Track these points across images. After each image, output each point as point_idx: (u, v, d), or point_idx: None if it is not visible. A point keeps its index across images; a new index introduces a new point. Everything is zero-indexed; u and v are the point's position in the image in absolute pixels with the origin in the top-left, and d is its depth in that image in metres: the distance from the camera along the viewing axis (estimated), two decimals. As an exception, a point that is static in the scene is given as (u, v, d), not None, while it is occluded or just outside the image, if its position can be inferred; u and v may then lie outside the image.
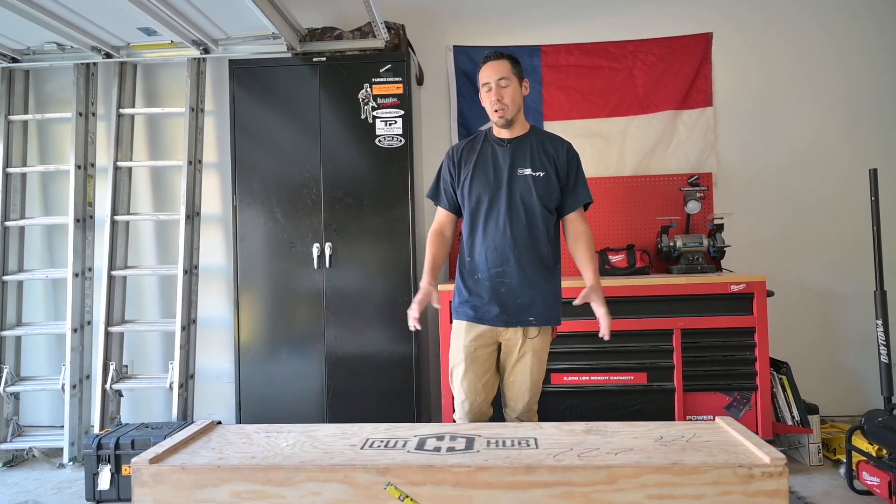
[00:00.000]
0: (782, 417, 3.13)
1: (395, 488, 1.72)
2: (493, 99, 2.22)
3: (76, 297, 3.52)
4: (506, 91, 2.22)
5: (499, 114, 2.22)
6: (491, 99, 2.22)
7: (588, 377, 3.09)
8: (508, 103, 2.22)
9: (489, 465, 1.73)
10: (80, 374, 3.52)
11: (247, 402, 3.37)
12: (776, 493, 1.68)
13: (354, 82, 3.32)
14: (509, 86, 2.22)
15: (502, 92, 2.21)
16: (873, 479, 2.64)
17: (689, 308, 3.06)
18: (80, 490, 3.04)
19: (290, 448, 1.92)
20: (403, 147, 3.30)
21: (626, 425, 2.06)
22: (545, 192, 2.23)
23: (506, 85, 2.22)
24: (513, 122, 2.26)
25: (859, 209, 3.49)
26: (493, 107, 2.22)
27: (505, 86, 2.22)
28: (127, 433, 3.01)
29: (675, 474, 1.69)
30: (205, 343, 3.72)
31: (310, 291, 3.34)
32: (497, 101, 2.21)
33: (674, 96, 3.73)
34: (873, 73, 3.70)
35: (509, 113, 2.23)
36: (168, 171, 3.85)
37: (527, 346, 2.25)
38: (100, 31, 3.30)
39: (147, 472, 1.80)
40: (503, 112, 2.22)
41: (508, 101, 2.22)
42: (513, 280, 2.22)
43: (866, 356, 3.57)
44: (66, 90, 3.73)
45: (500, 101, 2.21)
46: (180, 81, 3.69)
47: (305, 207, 3.34)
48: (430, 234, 2.37)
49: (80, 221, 3.58)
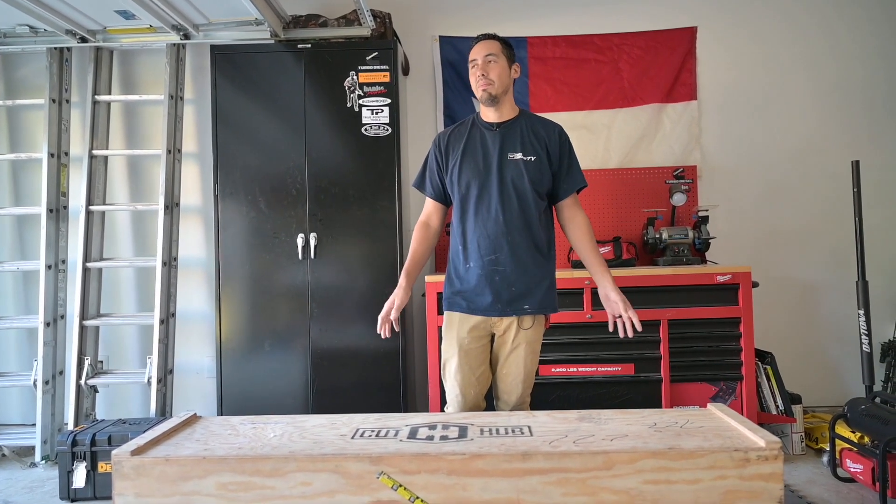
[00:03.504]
0: (767, 407, 3.16)
1: (389, 477, 1.68)
2: (478, 74, 2.17)
3: (49, 289, 3.41)
4: (492, 66, 2.17)
5: (482, 86, 2.16)
6: (476, 74, 2.18)
7: (576, 368, 3.07)
8: (494, 78, 2.16)
9: (484, 452, 1.70)
10: (53, 370, 3.41)
11: (228, 398, 3.29)
12: (771, 477, 1.67)
13: (340, 70, 3.27)
14: (496, 62, 2.17)
15: (488, 67, 2.16)
16: (857, 466, 2.67)
17: (675, 299, 3.08)
18: (53, 489, 2.94)
19: (277, 439, 1.87)
20: (390, 136, 3.25)
21: (620, 413, 2.05)
22: (537, 176, 2.18)
23: (492, 60, 2.17)
24: (499, 100, 2.19)
25: (842, 200, 3.54)
26: (479, 82, 2.17)
27: (492, 61, 2.17)
28: (103, 429, 2.92)
29: (671, 459, 1.68)
30: (184, 337, 3.64)
31: (294, 283, 3.27)
32: (483, 77, 2.16)
33: (659, 89, 3.74)
34: (862, 66, 3.74)
35: (494, 88, 2.16)
36: (146, 161, 3.75)
37: (521, 337, 2.21)
38: (75, 13, 3.19)
39: (129, 465, 1.73)
40: (488, 86, 2.15)
41: (494, 76, 2.16)
42: (507, 268, 2.17)
43: (848, 346, 3.62)
44: (39, 76, 3.61)
45: (485, 75, 2.15)
46: (159, 68, 3.59)
47: (290, 197, 3.27)
48: (416, 227, 2.32)
49: (54, 212, 3.46)
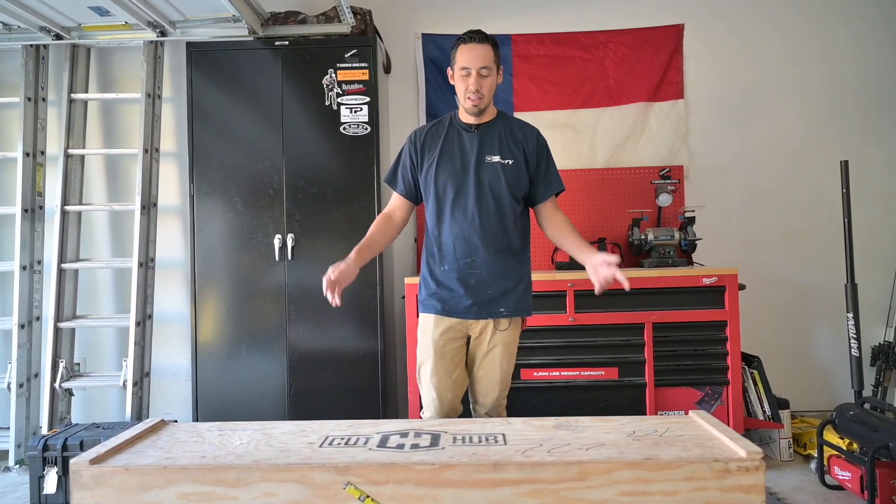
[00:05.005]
0: (753, 412, 3.10)
1: (355, 488, 1.62)
2: (471, 88, 2.09)
3: (23, 291, 3.35)
4: (485, 81, 2.10)
5: (473, 102, 2.10)
6: (469, 86, 2.09)
7: (559, 372, 3.02)
8: (486, 93, 2.11)
9: (454, 462, 1.64)
10: (27, 373, 3.35)
11: (205, 401, 3.22)
12: (752, 489, 1.61)
13: (318, 68, 3.20)
14: (490, 76, 2.11)
15: (482, 82, 2.09)
16: (845, 473, 2.62)
17: (660, 301, 3.02)
18: (25, 494, 2.88)
19: (243, 447, 1.80)
20: (369, 135, 3.19)
21: (598, 420, 1.99)
22: (514, 180, 2.14)
23: (487, 74, 2.10)
24: (484, 111, 2.16)
25: (830, 201, 3.49)
26: (469, 95, 2.10)
27: (486, 75, 2.10)
28: (76, 434, 2.86)
29: (648, 470, 1.62)
30: (161, 339, 3.57)
31: (271, 285, 3.21)
32: (475, 92, 2.09)
33: (645, 88, 3.69)
34: (853, 65, 3.70)
35: (484, 103, 2.12)
36: (123, 160, 3.68)
37: (497, 338, 2.16)
38: (47, 9, 3.11)
39: (87, 474, 1.67)
40: (479, 101, 2.11)
41: (486, 91, 2.11)
42: (482, 270, 2.13)
43: (836, 350, 3.58)
44: (14, 74, 3.54)
45: (477, 91, 2.09)
46: (136, 66, 3.52)
47: (267, 197, 3.21)
48: (379, 216, 2.26)
49: (29, 212, 3.40)
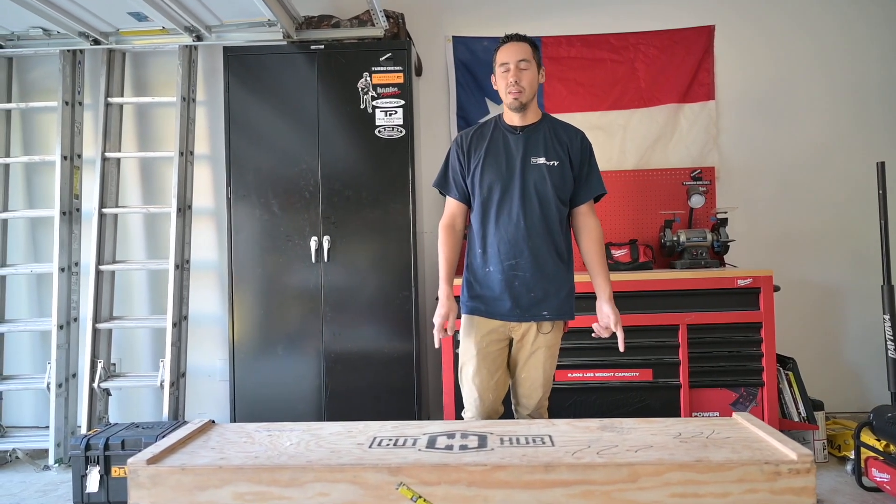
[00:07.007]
0: (788, 414, 3.09)
1: (408, 488, 1.65)
2: (510, 80, 2.14)
3: (62, 292, 3.40)
4: (525, 74, 2.15)
5: (514, 95, 2.14)
6: (508, 80, 2.14)
7: (593, 373, 3.02)
8: (526, 86, 2.14)
9: (506, 463, 1.66)
10: (66, 373, 3.40)
11: (241, 402, 3.26)
12: (803, 491, 1.62)
13: (353, 71, 3.23)
14: (529, 69, 2.15)
15: (521, 74, 2.14)
16: (883, 475, 2.61)
17: (694, 303, 3.01)
18: (66, 493, 2.93)
19: (294, 447, 1.84)
20: (404, 138, 3.21)
21: (642, 422, 2.00)
22: (560, 181, 2.16)
23: (525, 67, 2.15)
24: (526, 107, 2.18)
25: (865, 202, 3.47)
26: (510, 88, 2.14)
27: (525, 68, 2.15)
28: (117, 433, 2.90)
29: (699, 472, 1.64)
30: (197, 340, 3.62)
31: (307, 286, 3.24)
32: (515, 84, 2.13)
33: (676, 89, 3.68)
34: (882, 65, 3.67)
35: (525, 96, 2.15)
36: (158, 163, 3.74)
37: (539, 341, 2.18)
38: (88, 15, 3.18)
39: (144, 474, 1.71)
40: (519, 94, 2.14)
41: (526, 84, 2.15)
42: (526, 273, 2.14)
43: (871, 352, 3.55)
44: (51, 78, 3.61)
45: (517, 83, 2.13)
46: (170, 70, 3.57)
47: (303, 200, 3.24)
48: (442, 230, 2.26)
49: (67, 214, 3.45)
